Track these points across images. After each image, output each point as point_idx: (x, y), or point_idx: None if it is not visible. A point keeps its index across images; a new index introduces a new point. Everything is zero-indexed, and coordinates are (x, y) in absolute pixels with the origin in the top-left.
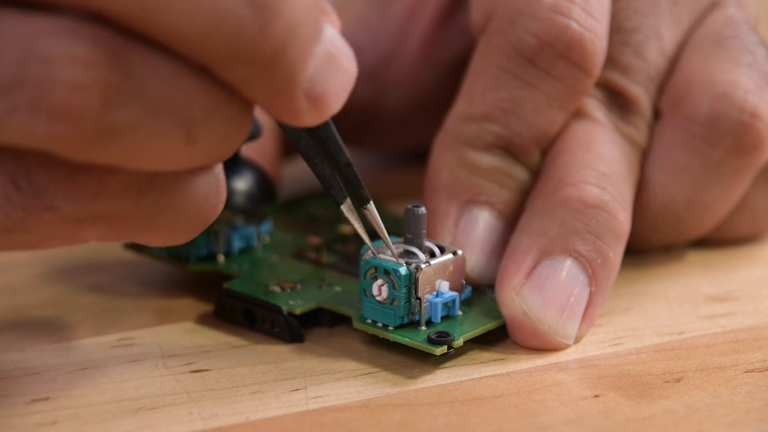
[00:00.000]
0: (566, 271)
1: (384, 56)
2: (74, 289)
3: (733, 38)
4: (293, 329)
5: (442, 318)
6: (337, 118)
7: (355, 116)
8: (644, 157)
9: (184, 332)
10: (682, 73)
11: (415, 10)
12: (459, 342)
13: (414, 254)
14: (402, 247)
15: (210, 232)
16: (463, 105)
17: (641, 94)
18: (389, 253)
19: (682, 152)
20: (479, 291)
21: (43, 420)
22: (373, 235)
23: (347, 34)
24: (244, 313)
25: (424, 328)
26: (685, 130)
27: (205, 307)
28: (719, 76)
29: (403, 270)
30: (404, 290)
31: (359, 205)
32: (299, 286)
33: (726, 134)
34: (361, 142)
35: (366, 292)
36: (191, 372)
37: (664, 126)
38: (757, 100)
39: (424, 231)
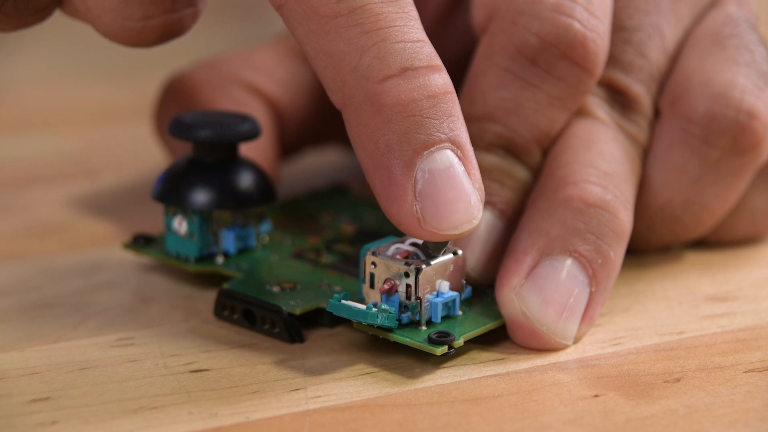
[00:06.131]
0: (566, 271)
1: None
2: (74, 289)
3: (731, 37)
4: (293, 329)
5: (442, 318)
6: (339, 118)
7: None
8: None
9: (184, 332)
10: (680, 72)
11: None
12: (459, 342)
13: (414, 254)
14: (402, 247)
15: (209, 233)
16: (464, 104)
17: (643, 92)
18: (389, 252)
19: (679, 152)
20: (479, 291)
21: (43, 420)
22: (373, 236)
23: None
24: (244, 313)
25: (424, 328)
26: (682, 129)
27: (205, 307)
28: (717, 76)
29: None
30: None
31: None
32: (299, 287)
33: (723, 134)
34: None
35: None
36: (191, 372)
37: (663, 125)
38: (754, 99)
39: None
